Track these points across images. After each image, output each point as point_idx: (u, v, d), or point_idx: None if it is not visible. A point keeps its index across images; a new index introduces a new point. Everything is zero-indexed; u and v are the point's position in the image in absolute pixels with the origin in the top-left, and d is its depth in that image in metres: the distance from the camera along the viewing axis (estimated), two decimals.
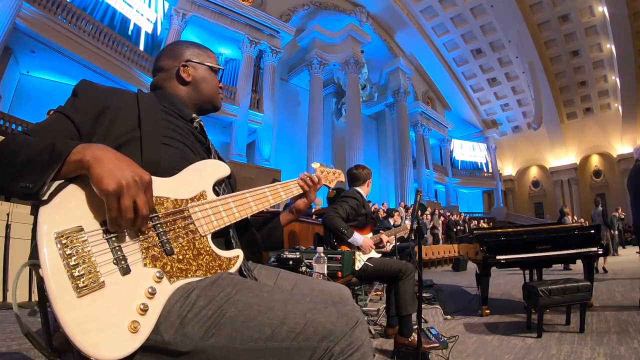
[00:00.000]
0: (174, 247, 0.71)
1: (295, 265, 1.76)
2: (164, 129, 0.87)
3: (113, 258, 0.63)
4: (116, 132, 0.80)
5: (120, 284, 0.62)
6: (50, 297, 0.56)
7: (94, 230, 0.63)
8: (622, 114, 20.77)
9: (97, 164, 0.62)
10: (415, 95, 21.16)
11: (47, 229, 0.59)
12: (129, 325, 0.60)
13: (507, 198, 26.01)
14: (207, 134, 1.03)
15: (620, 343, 2.27)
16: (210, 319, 0.66)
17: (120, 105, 0.84)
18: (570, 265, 6.84)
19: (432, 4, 19.68)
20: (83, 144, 0.65)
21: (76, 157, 0.63)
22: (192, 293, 0.68)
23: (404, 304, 2.23)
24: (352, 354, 0.66)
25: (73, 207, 0.63)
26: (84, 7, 9.81)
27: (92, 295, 0.59)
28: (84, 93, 0.82)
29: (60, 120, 0.78)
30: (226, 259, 0.79)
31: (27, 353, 1.94)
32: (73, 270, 0.58)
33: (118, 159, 0.65)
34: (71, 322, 0.56)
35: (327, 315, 0.68)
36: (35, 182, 0.61)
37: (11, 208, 3.19)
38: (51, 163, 0.62)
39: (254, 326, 0.65)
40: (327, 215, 2.50)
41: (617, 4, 16.46)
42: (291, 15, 15.64)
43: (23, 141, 0.67)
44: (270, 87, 13.98)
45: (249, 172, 10.37)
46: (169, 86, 1.02)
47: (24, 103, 9.48)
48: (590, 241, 3.20)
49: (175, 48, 1.05)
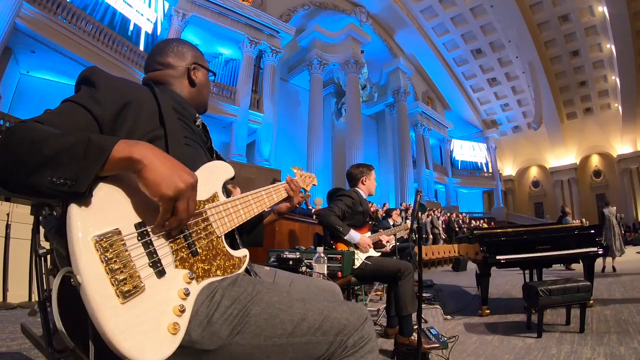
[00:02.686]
0: (197, 248, 0.73)
1: (296, 265, 1.76)
2: (182, 129, 0.87)
3: (149, 261, 0.62)
4: (141, 130, 0.77)
5: (157, 286, 0.62)
6: (92, 304, 0.53)
7: (130, 234, 0.61)
8: (622, 114, 20.77)
9: (151, 166, 0.61)
10: (415, 95, 21.16)
11: (84, 232, 0.56)
12: (170, 326, 0.60)
13: (507, 198, 26.02)
14: (209, 134, 1.04)
15: (620, 343, 2.27)
16: (236, 318, 0.69)
17: (140, 100, 0.80)
18: (572, 265, 6.83)
19: (432, 4, 19.67)
20: (124, 140, 0.61)
21: (121, 154, 0.59)
22: (217, 293, 0.71)
23: (404, 304, 2.23)
24: (363, 347, 0.74)
25: (107, 209, 0.60)
26: (84, 7, 9.81)
27: (135, 300, 0.58)
28: (104, 84, 0.75)
29: (78, 112, 0.71)
30: (237, 258, 0.82)
31: (27, 353, 1.94)
32: (116, 276, 0.56)
33: (168, 160, 0.64)
34: (116, 329, 0.54)
35: (341, 312, 0.74)
36: (76, 178, 0.56)
37: (11, 208, 3.19)
38: (93, 158, 0.57)
39: (277, 323, 0.70)
40: (323, 214, 2.51)
41: (617, 4, 16.45)
42: (291, 15, 15.64)
43: (44, 131, 0.60)
44: (270, 87, 13.98)
45: (249, 172, 10.34)
46: (177, 84, 1.00)
47: (24, 103, 9.48)
48: (590, 241, 3.20)
49: (182, 47, 1.04)
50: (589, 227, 3.32)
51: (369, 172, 2.74)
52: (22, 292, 3.17)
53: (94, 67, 0.79)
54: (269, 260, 1.97)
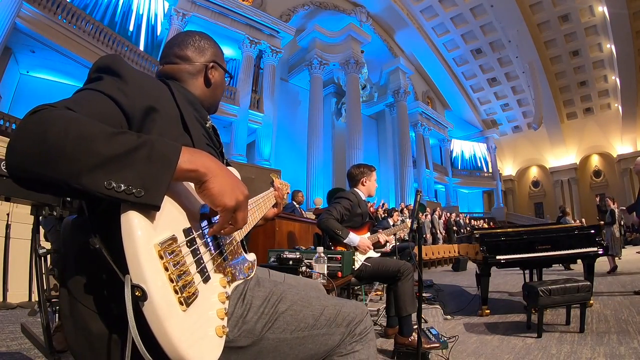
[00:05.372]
0: (227, 254, 0.78)
1: (295, 265, 1.76)
2: (202, 135, 0.86)
3: (198, 268, 0.63)
4: (169, 135, 0.71)
5: (206, 292, 0.64)
6: (159, 314, 0.51)
7: (183, 241, 0.61)
8: (622, 114, 20.77)
9: (214, 178, 0.62)
10: (415, 95, 21.15)
11: (145, 239, 0.53)
12: (218, 329, 0.63)
13: (507, 198, 26.02)
14: (220, 137, 1.01)
15: (620, 343, 2.27)
16: (267, 315, 0.76)
17: (163, 102, 0.75)
18: (571, 265, 6.83)
19: (432, 4, 19.67)
20: (186, 148, 0.59)
21: (188, 166, 0.58)
22: (246, 294, 0.78)
23: (404, 304, 2.23)
24: (366, 335, 0.86)
25: (161, 214, 0.58)
26: (84, 7, 9.82)
27: (192, 307, 0.58)
28: (131, 78, 0.69)
29: (106, 104, 0.64)
30: (250, 262, 0.87)
31: (27, 353, 1.94)
32: (178, 284, 0.56)
33: (228, 172, 0.66)
34: (181, 336, 0.53)
35: (349, 307, 0.86)
36: (143, 187, 0.52)
37: (11, 208, 3.19)
38: (159, 167, 0.54)
39: (300, 318, 0.79)
40: (321, 218, 2.49)
41: (617, 4, 16.45)
42: (291, 15, 15.63)
43: (93, 125, 0.53)
44: (270, 87, 13.98)
45: (249, 172, 10.30)
46: (192, 82, 0.94)
47: (24, 103, 9.47)
48: (590, 241, 3.20)
49: (203, 41, 0.98)
50: (589, 227, 3.32)
51: (369, 172, 2.70)
52: (22, 292, 3.17)
53: (117, 56, 0.72)
54: (269, 260, 1.97)
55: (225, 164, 0.97)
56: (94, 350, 0.61)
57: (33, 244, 0.79)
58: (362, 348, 0.84)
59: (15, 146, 0.50)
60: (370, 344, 0.87)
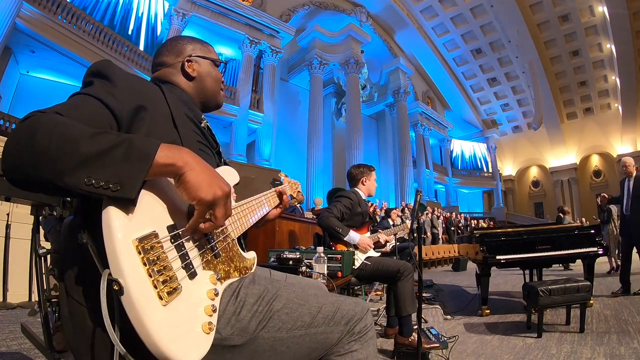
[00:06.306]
0: (219, 251, 0.76)
1: (295, 265, 1.76)
2: (194, 133, 0.87)
3: (182, 263, 0.63)
4: (157, 133, 0.74)
5: (191, 288, 0.64)
6: (136, 307, 0.52)
7: (165, 237, 0.62)
8: (622, 114, 20.75)
9: (191, 171, 0.61)
10: (415, 95, 21.15)
11: (123, 234, 0.55)
12: (204, 326, 0.62)
13: (507, 198, 26.00)
14: (215, 136, 1.02)
15: (620, 343, 2.27)
16: (262, 314, 0.74)
17: (155, 101, 0.78)
18: (570, 264, 6.83)
19: (432, 4, 19.66)
20: (165, 144, 0.60)
21: (165, 160, 0.59)
22: (240, 292, 0.77)
23: (403, 304, 2.23)
24: (366, 333, 0.83)
25: (142, 211, 0.59)
26: (84, 7, 9.82)
27: (174, 302, 0.58)
28: (121, 80, 0.72)
29: (96, 106, 0.67)
30: (249, 260, 0.87)
31: (27, 353, 1.94)
32: (157, 278, 0.56)
33: (208, 167, 0.65)
34: (160, 331, 0.54)
35: (348, 304, 0.83)
36: (120, 182, 0.54)
37: (11, 208, 3.19)
38: (137, 163, 0.56)
39: (297, 316, 0.77)
40: (322, 216, 2.50)
41: (617, 4, 16.44)
42: (291, 15, 15.64)
43: (75, 127, 0.56)
44: (270, 87, 13.98)
45: (249, 172, 10.33)
46: (176, 81, 0.98)
47: (24, 103, 9.48)
48: (590, 241, 3.20)
49: (177, 43, 1.03)
50: (589, 227, 3.33)
51: (369, 172, 2.72)
52: (22, 292, 3.17)
53: (108, 61, 0.75)
54: (269, 260, 1.97)
55: (223, 164, 0.98)
56: (94, 348, 0.61)
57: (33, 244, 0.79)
58: (360, 347, 0.82)
59: (9, 150, 0.55)
60: (370, 342, 0.84)
